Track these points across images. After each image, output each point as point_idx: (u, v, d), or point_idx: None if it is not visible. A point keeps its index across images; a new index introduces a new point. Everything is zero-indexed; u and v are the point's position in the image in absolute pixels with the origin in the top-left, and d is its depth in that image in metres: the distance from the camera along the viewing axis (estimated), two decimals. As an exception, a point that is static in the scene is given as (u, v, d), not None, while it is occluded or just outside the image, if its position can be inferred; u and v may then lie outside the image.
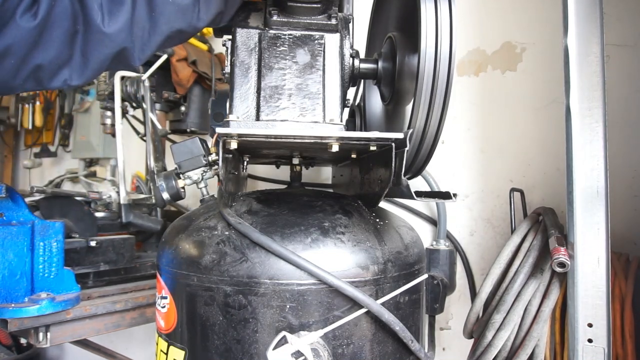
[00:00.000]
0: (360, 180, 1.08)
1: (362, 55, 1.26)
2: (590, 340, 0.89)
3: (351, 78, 1.03)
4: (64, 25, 0.79)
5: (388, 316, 0.83)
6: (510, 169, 1.45)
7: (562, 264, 0.89)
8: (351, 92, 1.36)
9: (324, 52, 0.95)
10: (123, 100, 1.75)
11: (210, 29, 1.08)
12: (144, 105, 1.74)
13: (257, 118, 0.90)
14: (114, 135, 1.75)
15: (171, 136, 2.05)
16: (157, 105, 1.94)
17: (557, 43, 1.01)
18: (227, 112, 0.93)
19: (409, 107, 0.96)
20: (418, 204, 1.61)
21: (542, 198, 1.38)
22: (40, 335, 1.13)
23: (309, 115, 0.91)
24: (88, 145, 2.77)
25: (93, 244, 1.35)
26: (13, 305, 1.07)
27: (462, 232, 1.53)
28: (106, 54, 0.84)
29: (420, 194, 0.90)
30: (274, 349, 0.78)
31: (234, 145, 0.79)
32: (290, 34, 0.95)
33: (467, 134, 1.53)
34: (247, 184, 1.42)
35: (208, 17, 0.91)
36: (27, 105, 3.14)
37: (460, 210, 1.53)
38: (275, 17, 0.93)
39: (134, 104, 1.82)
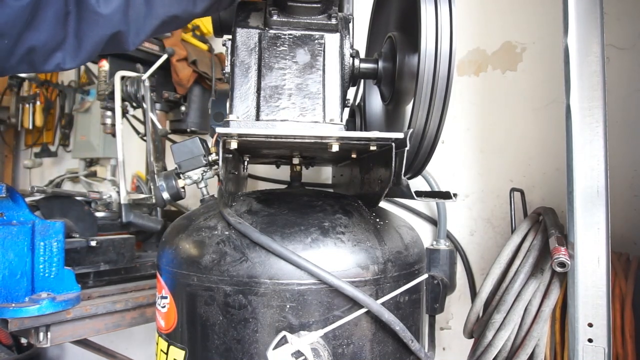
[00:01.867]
0: (360, 180, 1.08)
1: (362, 55, 1.26)
2: (590, 340, 0.89)
3: (351, 78, 1.03)
4: (55, 5, 0.78)
5: (388, 316, 0.83)
6: (510, 169, 1.45)
7: (562, 264, 0.89)
8: (351, 92, 1.36)
9: (324, 52, 0.95)
10: (123, 100, 1.75)
11: (211, 29, 1.08)
12: (144, 105, 1.74)
13: (257, 118, 0.90)
14: (114, 135, 1.75)
15: (171, 136, 2.05)
16: (157, 105, 1.94)
17: (557, 43, 1.01)
18: (227, 112, 0.93)
19: (409, 107, 0.96)
20: (418, 204, 1.61)
21: (542, 198, 1.38)
22: (41, 335, 1.13)
23: (309, 115, 0.91)
24: (88, 145, 2.77)
25: (93, 243, 1.35)
26: (13, 305, 1.07)
27: (462, 232, 1.53)
28: (100, 35, 0.82)
29: (420, 194, 0.90)
30: (274, 348, 0.78)
31: (234, 145, 0.79)
32: (290, 34, 0.95)
33: (467, 134, 1.53)
34: (247, 184, 1.42)
35: (205, 5, 0.90)
36: (27, 105, 3.14)
37: (460, 210, 1.53)
38: (275, 17, 0.93)
39: (134, 104, 1.82)
